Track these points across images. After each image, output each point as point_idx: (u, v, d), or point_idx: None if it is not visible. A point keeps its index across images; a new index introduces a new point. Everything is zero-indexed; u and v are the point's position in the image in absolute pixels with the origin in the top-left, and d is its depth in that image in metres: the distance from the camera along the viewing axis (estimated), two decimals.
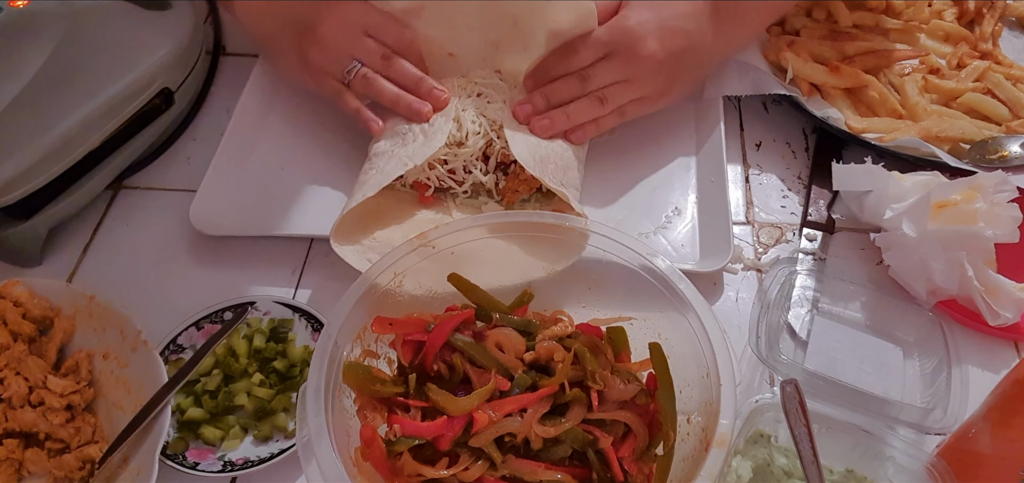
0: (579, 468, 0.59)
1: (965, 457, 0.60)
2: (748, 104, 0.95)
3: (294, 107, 0.92)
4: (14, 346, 0.67)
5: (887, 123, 0.87)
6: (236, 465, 0.65)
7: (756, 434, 0.64)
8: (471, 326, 0.62)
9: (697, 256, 0.79)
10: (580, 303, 0.67)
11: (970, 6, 0.99)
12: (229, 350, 0.71)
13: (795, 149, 0.91)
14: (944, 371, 0.68)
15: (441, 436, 0.56)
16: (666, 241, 0.80)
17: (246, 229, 0.81)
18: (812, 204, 0.84)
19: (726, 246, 0.75)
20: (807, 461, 0.55)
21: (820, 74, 0.90)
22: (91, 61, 0.79)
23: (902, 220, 0.73)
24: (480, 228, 0.66)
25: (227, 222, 0.80)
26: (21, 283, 0.70)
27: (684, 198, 0.84)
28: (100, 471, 0.63)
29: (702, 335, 0.59)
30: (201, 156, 0.89)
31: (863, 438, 0.61)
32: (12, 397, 0.64)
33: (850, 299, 0.75)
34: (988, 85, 0.90)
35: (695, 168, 0.86)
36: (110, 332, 0.68)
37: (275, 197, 0.84)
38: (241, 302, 0.74)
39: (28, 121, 0.74)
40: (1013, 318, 0.71)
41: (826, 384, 0.65)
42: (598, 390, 0.58)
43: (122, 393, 0.67)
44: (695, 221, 0.82)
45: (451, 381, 0.59)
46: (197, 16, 0.93)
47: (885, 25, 0.98)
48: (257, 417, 0.67)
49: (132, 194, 0.87)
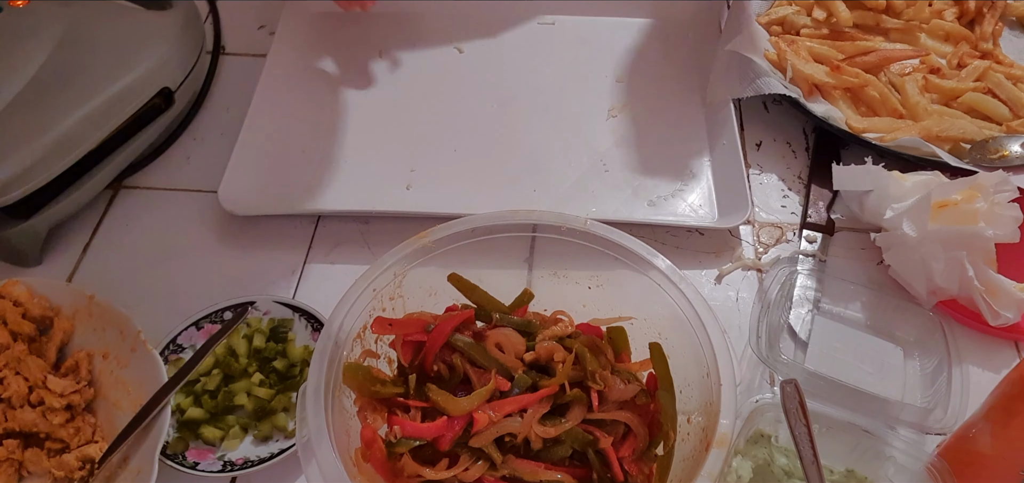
0: (579, 468, 0.59)
1: (965, 457, 0.60)
2: (748, 104, 0.94)
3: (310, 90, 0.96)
4: (14, 346, 0.67)
5: (887, 123, 0.87)
6: (236, 465, 0.65)
7: (756, 434, 0.64)
8: (471, 326, 0.61)
9: (715, 216, 0.82)
10: (580, 303, 0.67)
11: (970, 6, 0.99)
12: (229, 350, 0.71)
13: (795, 149, 0.91)
14: (944, 371, 0.67)
15: (441, 437, 0.55)
16: (685, 203, 0.83)
17: (275, 208, 0.83)
18: (812, 205, 0.84)
19: (743, 203, 0.79)
20: (807, 461, 0.55)
21: (820, 74, 0.90)
22: (91, 61, 0.79)
23: (902, 220, 0.73)
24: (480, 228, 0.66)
25: (256, 202, 0.82)
26: (21, 283, 0.70)
27: (699, 162, 0.88)
28: (100, 471, 0.63)
29: (702, 335, 0.59)
30: (201, 156, 0.89)
31: (863, 438, 0.61)
32: (12, 397, 0.64)
33: (850, 299, 0.75)
34: (989, 85, 0.90)
35: (706, 135, 0.90)
36: (110, 332, 0.68)
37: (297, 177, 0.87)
38: (241, 302, 0.74)
39: (28, 121, 0.74)
40: (1013, 318, 0.71)
41: (826, 384, 0.65)
42: (598, 390, 0.58)
43: (122, 393, 0.67)
44: (710, 182, 0.85)
45: (451, 381, 0.59)
46: (197, 16, 0.93)
47: (885, 25, 0.98)
48: (257, 417, 0.67)
49: (132, 194, 0.87)
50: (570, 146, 0.90)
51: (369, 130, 0.91)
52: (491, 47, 1.01)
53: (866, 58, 0.92)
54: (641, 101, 0.95)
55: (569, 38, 1.02)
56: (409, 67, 0.99)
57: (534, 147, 0.89)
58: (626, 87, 0.96)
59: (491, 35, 1.02)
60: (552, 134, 0.91)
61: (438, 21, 1.04)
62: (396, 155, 0.88)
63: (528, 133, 0.91)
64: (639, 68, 0.99)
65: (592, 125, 0.92)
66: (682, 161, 0.88)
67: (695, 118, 0.93)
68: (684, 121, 0.92)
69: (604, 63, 0.99)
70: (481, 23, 1.03)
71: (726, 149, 0.86)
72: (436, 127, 0.91)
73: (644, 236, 0.65)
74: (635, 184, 0.86)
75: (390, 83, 0.97)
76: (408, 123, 0.92)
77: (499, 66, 0.99)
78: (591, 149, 0.89)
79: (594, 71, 0.98)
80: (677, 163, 0.88)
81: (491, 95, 0.95)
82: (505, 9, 1.04)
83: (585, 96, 0.95)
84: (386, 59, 0.99)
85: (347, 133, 0.91)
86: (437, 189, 0.85)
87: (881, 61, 0.92)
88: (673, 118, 0.93)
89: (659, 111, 0.93)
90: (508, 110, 0.94)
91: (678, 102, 0.94)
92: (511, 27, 1.03)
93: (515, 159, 0.88)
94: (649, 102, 0.94)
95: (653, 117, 0.93)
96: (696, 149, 0.90)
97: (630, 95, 0.95)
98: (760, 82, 0.88)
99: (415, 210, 0.83)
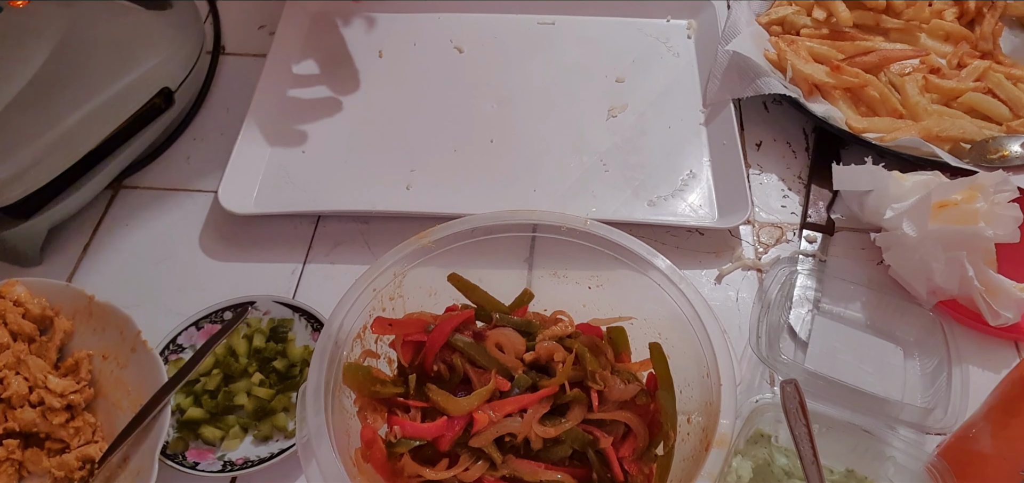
0: (579, 468, 0.59)
1: (965, 457, 0.60)
2: (748, 104, 0.95)
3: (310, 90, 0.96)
4: (14, 346, 0.67)
5: (888, 123, 0.87)
6: (236, 465, 0.65)
7: (756, 434, 0.64)
8: (471, 326, 0.61)
9: (715, 216, 0.82)
10: (580, 303, 0.67)
11: (970, 6, 0.99)
12: (229, 350, 0.71)
13: (795, 149, 0.91)
14: (944, 371, 0.67)
15: (441, 437, 0.55)
16: (685, 203, 0.84)
17: (275, 207, 0.83)
18: (812, 205, 0.84)
19: (744, 203, 0.79)
20: (807, 461, 0.55)
21: (820, 74, 0.90)
22: (91, 61, 0.79)
23: (902, 220, 0.73)
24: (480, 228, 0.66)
25: (255, 202, 0.83)
26: (21, 283, 0.70)
27: (698, 162, 0.88)
28: (100, 471, 0.63)
29: (702, 335, 0.59)
30: (201, 156, 0.89)
31: (863, 438, 0.61)
32: (12, 397, 0.64)
33: (850, 299, 0.75)
34: (989, 85, 0.90)
35: (706, 136, 0.90)
36: (110, 332, 0.68)
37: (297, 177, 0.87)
38: (241, 302, 0.74)
39: (28, 121, 0.74)
40: (1013, 318, 0.71)
41: (826, 384, 0.65)
42: (598, 390, 0.58)
43: (122, 393, 0.67)
44: (710, 183, 0.85)
45: (451, 381, 0.59)
46: (197, 16, 0.93)
47: (885, 25, 0.98)
48: (257, 417, 0.67)
49: (132, 194, 0.87)
50: (570, 146, 0.90)
51: (369, 130, 0.91)
52: (491, 47, 1.01)
53: (866, 58, 0.92)
54: (641, 101, 0.95)
55: (569, 38, 1.03)
56: (409, 67, 0.99)
57: (534, 147, 0.89)
58: (626, 87, 0.96)
59: (491, 35, 1.02)
60: (552, 134, 0.91)
61: (438, 21, 1.04)
62: (396, 155, 0.88)
63: (528, 133, 0.91)
64: (639, 68, 0.99)
65: (592, 125, 0.92)
66: (682, 161, 0.89)
67: (695, 118, 0.93)
68: (684, 121, 0.93)
69: (604, 63, 0.99)
70: (481, 23, 1.03)
71: (726, 149, 0.86)
72: (436, 127, 0.91)
73: (644, 236, 0.65)
74: (635, 184, 0.86)
75: (390, 83, 0.97)
76: (408, 123, 0.92)
77: (499, 66, 0.99)
78: (591, 149, 0.89)
79: (594, 71, 0.98)
80: (677, 163, 0.88)
81: (491, 95, 0.95)
82: (505, 9, 1.05)
83: (585, 96, 0.95)
84: (386, 59, 0.99)
85: (347, 133, 0.91)
86: (437, 189, 0.85)
87: (881, 61, 0.92)
88: (673, 118, 0.93)
89: (659, 111, 0.94)
90: (508, 110, 0.94)
91: (678, 102, 0.94)
92: (511, 27, 1.03)
93: (515, 159, 0.88)
94: (649, 102, 0.94)
95: (653, 117, 0.93)
96: (696, 149, 0.90)
97: (630, 95, 0.95)
98: (760, 82, 0.88)
99: (415, 210, 0.83)
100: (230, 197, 0.81)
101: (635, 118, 0.93)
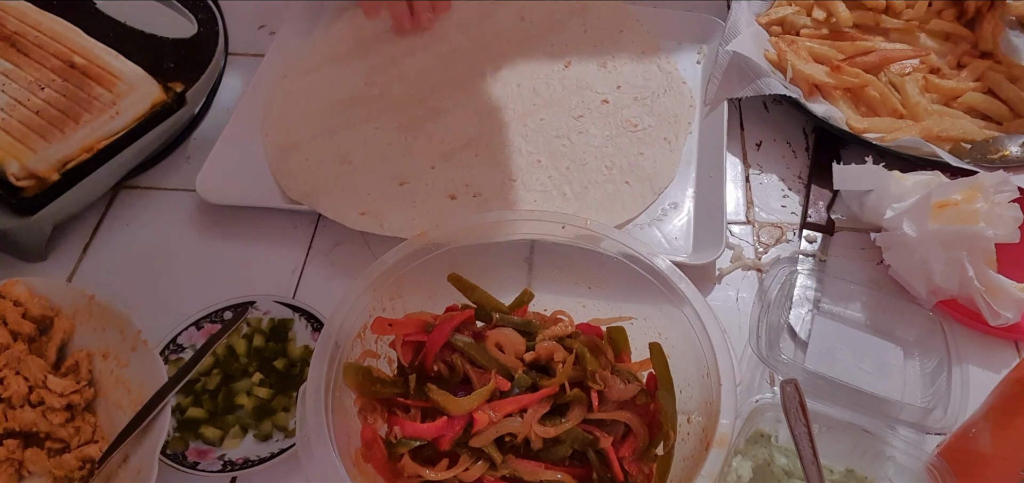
0: (579, 468, 0.59)
1: (965, 457, 0.60)
2: (748, 104, 0.95)
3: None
4: (14, 346, 0.67)
5: (888, 123, 0.87)
6: (236, 464, 0.65)
7: (756, 434, 0.64)
8: (471, 326, 0.61)
9: (689, 249, 0.80)
10: (580, 303, 0.67)
11: (970, 6, 0.99)
12: (229, 350, 0.71)
13: (795, 149, 0.91)
14: (944, 371, 0.67)
15: (441, 437, 0.56)
16: (660, 233, 0.82)
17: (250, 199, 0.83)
18: (812, 205, 0.84)
19: (718, 240, 0.77)
20: (807, 461, 0.55)
21: (820, 74, 0.90)
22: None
23: (903, 220, 0.73)
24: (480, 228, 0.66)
25: (232, 192, 0.82)
26: (21, 283, 0.70)
27: (682, 193, 0.86)
28: (100, 471, 0.63)
29: (702, 335, 0.59)
30: (202, 156, 0.89)
31: (863, 438, 0.61)
32: (12, 397, 0.64)
33: (850, 299, 0.75)
34: (989, 85, 0.90)
35: (695, 164, 0.88)
36: (110, 332, 0.68)
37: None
38: (241, 302, 0.74)
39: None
40: (1013, 318, 0.71)
41: (826, 384, 0.65)
42: (598, 390, 0.58)
43: (122, 393, 0.67)
44: (691, 216, 0.83)
45: (451, 381, 0.59)
46: (214, 19, 0.93)
47: (885, 25, 0.98)
48: (257, 416, 0.67)
49: (132, 194, 0.87)
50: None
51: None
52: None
53: (866, 58, 0.92)
54: (641, 101, 0.94)
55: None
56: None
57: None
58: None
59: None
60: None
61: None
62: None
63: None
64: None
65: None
66: (681, 160, 0.88)
67: (695, 119, 0.93)
68: (685, 121, 0.92)
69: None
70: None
71: (712, 184, 0.84)
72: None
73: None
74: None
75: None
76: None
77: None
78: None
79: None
80: (677, 163, 0.88)
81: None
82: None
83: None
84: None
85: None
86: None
87: (881, 61, 0.92)
88: (674, 119, 0.93)
89: (660, 111, 0.93)
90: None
91: (679, 103, 0.94)
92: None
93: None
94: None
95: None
96: (696, 150, 0.89)
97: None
98: (760, 82, 0.88)
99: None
100: (208, 187, 0.81)
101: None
